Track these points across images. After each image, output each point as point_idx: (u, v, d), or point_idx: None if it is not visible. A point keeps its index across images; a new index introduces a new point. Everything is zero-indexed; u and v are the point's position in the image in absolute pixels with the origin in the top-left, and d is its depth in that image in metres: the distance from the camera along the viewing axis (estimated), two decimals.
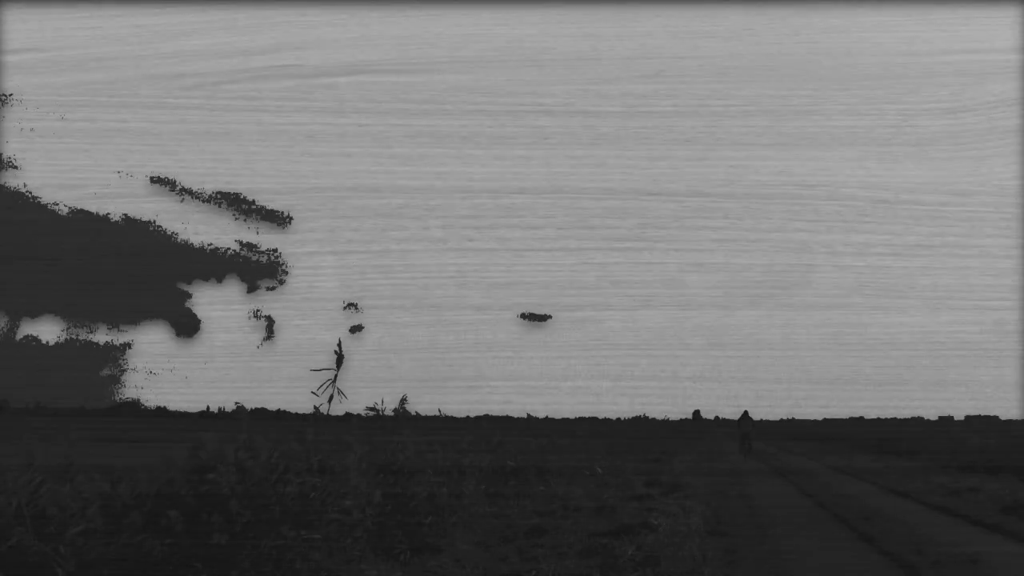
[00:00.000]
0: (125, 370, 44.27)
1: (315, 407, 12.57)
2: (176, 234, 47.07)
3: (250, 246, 47.58)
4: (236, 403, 16.50)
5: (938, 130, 56.85)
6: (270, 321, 46.72)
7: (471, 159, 54.50)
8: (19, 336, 44.12)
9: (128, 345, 44.77)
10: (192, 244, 47.29)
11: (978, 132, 55.82)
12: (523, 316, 52.39)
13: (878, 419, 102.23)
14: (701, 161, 56.20)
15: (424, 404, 16.41)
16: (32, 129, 47.32)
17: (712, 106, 56.08)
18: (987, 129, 55.55)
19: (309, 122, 53.40)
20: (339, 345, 12.45)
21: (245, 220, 47.45)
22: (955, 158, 56.71)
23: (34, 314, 44.68)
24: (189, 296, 47.59)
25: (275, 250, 47.86)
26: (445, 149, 54.83)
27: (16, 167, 45.69)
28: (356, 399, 13.02)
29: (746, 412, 48.14)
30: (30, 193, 45.99)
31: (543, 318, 52.31)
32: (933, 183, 56.49)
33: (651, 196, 55.01)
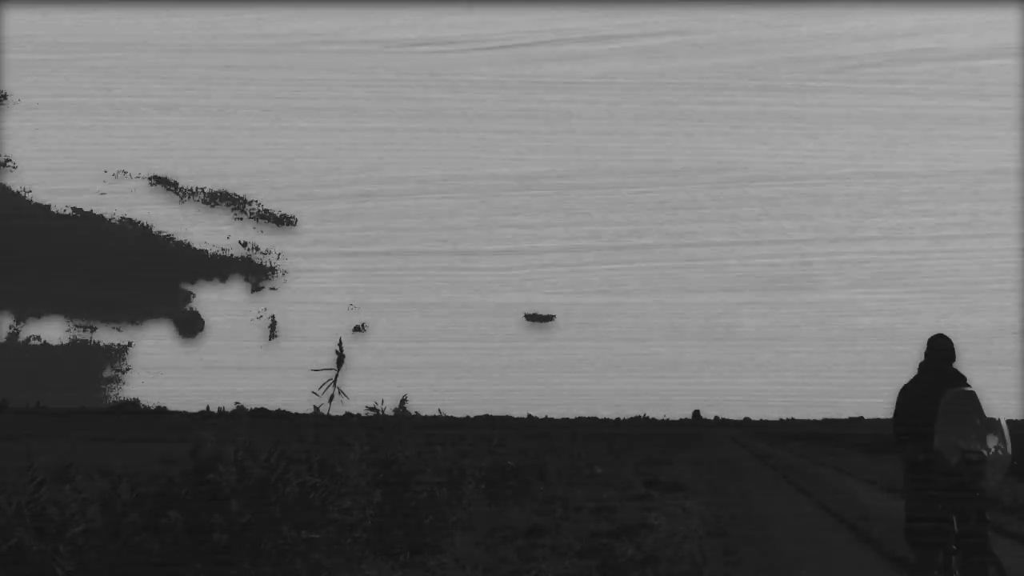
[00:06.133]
0: (126, 370, 44.25)
1: (315, 407, 12.55)
2: (178, 235, 47.07)
3: (253, 247, 47.60)
4: (236, 403, 16.47)
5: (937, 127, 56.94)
6: (273, 321, 46.73)
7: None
8: (22, 336, 44.09)
9: (129, 345, 44.76)
10: (196, 245, 47.30)
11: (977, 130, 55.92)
12: (527, 317, 52.33)
13: (877, 419, 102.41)
14: (698, 157, 56.30)
15: (424, 404, 16.39)
16: (33, 129, 47.29)
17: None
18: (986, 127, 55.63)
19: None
20: (340, 345, 12.43)
21: (247, 221, 47.47)
22: (957, 158, 56.78)
23: (38, 314, 44.66)
24: (193, 296, 47.59)
25: (274, 251, 47.87)
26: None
27: (16, 167, 45.68)
28: (356, 399, 13.01)
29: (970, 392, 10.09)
30: (30, 193, 45.98)
31: (547, 319, 52.25)
32: (934, 184, 56.59)
33: (650, 197, 55.07)
